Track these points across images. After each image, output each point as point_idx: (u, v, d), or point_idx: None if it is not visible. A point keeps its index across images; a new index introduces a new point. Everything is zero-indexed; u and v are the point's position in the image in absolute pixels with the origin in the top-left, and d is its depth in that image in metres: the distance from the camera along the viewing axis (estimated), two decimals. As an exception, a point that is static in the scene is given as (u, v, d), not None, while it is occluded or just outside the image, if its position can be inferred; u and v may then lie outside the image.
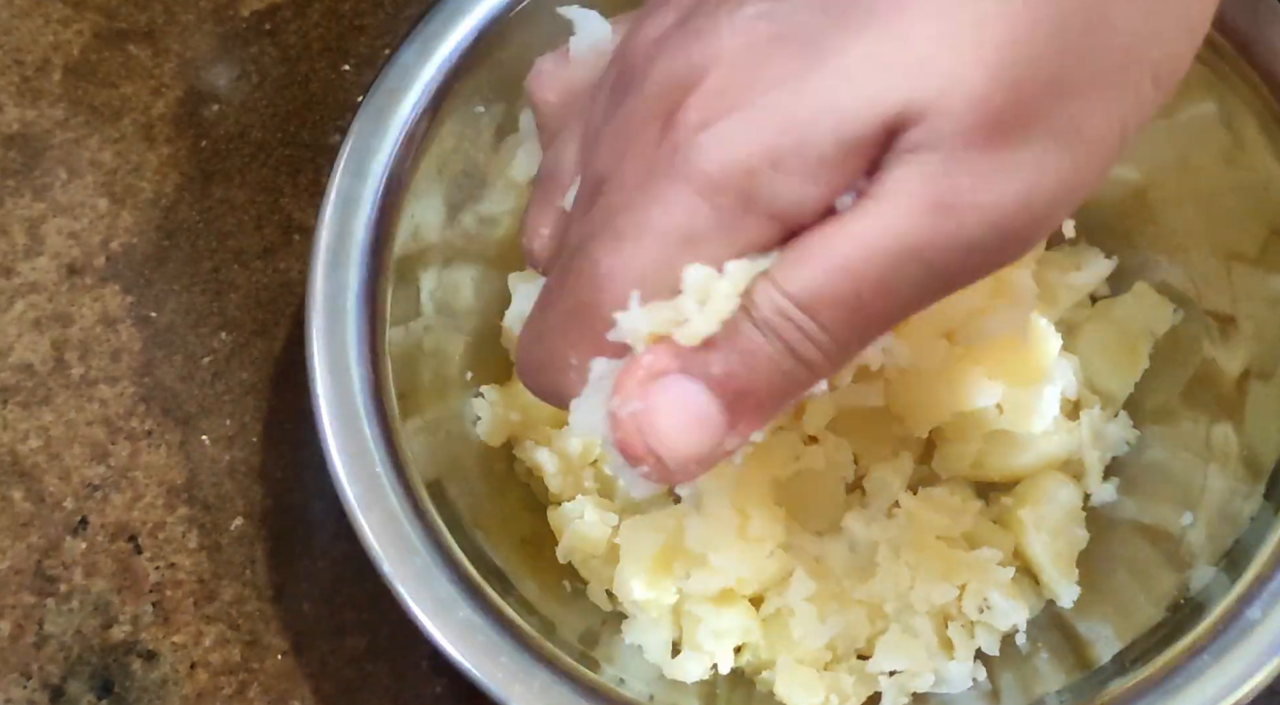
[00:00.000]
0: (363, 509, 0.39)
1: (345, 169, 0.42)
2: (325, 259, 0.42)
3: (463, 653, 0.39)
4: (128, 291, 0.52)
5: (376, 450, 0.40)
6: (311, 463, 0.50)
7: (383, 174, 0.43)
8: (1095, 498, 0.46)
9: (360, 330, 0.41)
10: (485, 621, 0.39)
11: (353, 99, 0.54)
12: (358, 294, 0.42)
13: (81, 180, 0.53)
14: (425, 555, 0.39)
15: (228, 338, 0.52)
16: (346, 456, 0.40)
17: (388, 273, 0.42)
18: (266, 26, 0.55)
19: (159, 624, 0.49)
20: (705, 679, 0.43)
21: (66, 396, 0.51)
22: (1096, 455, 0.46)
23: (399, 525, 0.39)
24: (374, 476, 0.40)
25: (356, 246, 0.42)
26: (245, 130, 0.54)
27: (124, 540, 0.49)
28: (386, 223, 0.42)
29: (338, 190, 0.42)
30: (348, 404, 0.40)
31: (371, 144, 0.43)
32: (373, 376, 0.41)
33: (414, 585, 0.39)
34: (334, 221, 0.42)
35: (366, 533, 0.39)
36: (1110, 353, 0.47)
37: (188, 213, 0.53)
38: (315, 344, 0.41)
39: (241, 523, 0.50)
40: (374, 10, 0.55)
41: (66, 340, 0.52)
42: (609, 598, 0.45)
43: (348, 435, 0.40)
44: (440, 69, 0.43)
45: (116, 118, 0.54)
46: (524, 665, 0.39)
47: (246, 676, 0.48)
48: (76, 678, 0.48)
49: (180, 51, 0.55)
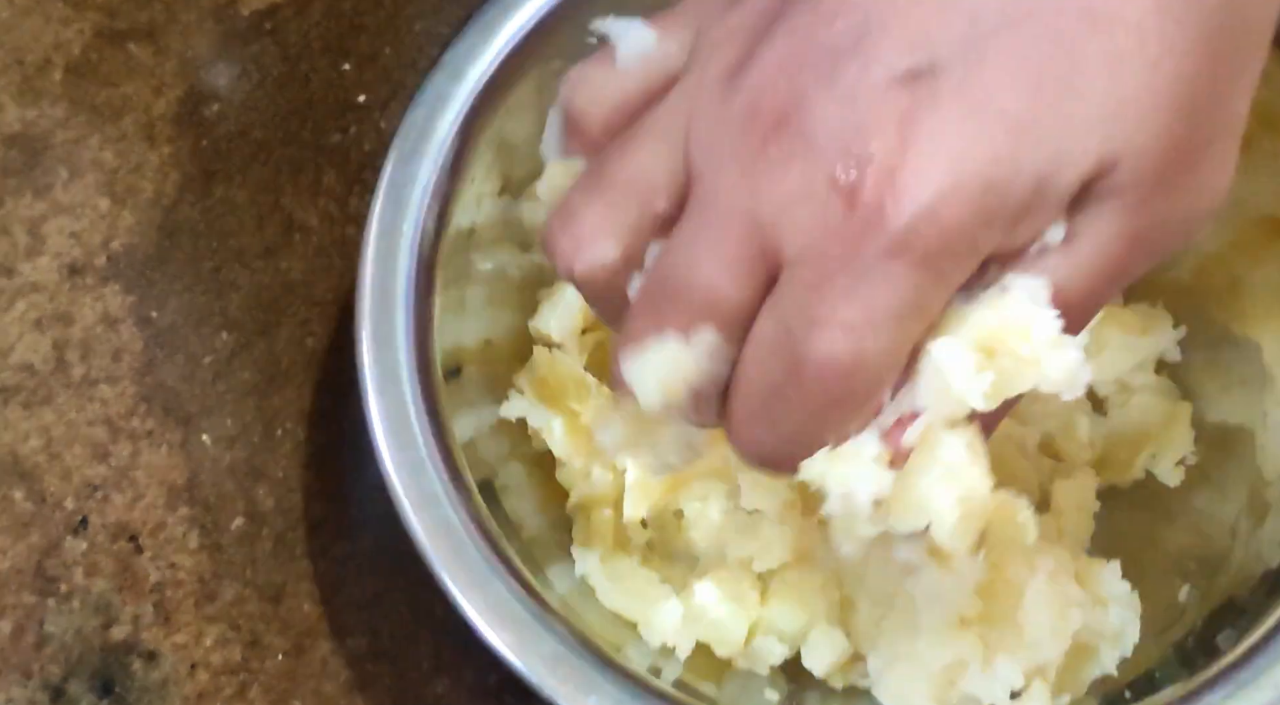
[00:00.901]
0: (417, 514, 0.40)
1: (396, 161, 0.43)
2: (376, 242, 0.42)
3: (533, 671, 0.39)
4: (129, 291, 0.52)
5: (429, 456, 0.41)
6: (313, 462, 0.50)
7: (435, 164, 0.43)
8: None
9: (409, 323, 0.42)
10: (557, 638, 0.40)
11: (353, 98, 0.54)
12: (406, 285, 0.42)
13: (82, 180, 0.53)
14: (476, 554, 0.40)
15: (229, 338, 0.52)
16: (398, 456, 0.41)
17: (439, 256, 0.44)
18: (267, 25, 0.55)
19: (160, 624, 0.49)
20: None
21: (67, 396, 0.51)
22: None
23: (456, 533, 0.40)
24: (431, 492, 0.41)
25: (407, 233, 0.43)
26: (246, 129, 0.54)
27: (125, 540, 0.49)
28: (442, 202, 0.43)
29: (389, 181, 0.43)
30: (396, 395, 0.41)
31: (419, 145, 0.43)
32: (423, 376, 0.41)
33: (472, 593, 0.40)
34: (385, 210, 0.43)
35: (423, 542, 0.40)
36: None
37: (189, 212, 0.53)
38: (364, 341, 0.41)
39: (242, 523, 0.50)
40: (374, 9, 0.55)
41: (67, 340, 0.52)
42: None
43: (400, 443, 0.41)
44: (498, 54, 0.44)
45: (117, 117, 0.54)
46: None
47: (247, 677, 0.48)
48: (77, 678, 0.48)
49: (181, 50, 0.55)
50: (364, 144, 0.54)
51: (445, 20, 0.55)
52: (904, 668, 0.42)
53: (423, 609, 0.48)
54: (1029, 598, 0.41)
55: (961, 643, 0.41)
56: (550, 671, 0.39)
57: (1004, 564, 0.41)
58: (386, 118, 0.54)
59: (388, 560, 0.49)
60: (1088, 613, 0.42)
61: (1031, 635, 0.40)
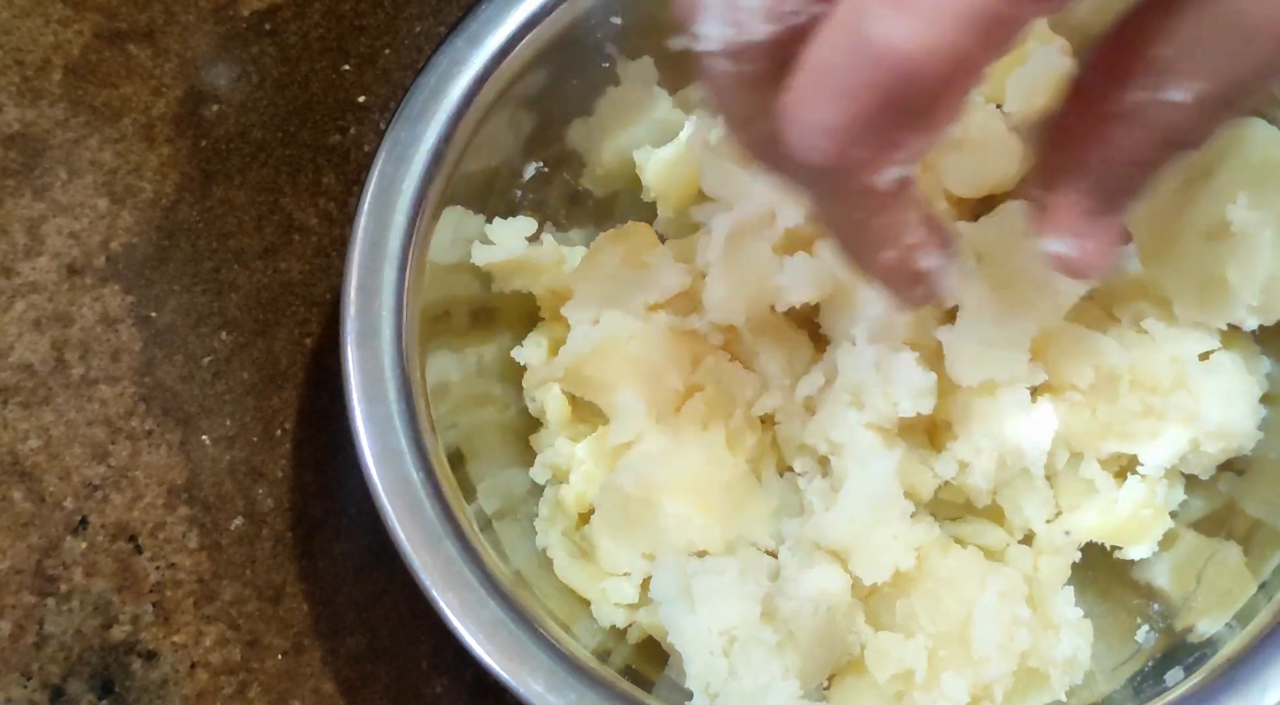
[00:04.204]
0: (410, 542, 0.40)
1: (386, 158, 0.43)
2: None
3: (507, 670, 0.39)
4: (128, 291, 0.52)
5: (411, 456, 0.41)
6: (312, 462, 0.50)
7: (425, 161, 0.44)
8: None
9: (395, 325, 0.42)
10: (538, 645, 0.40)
11: (353, 99, 0.54)
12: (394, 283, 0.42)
13: (82, 180, 0.53)
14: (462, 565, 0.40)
15: (228, 338, 0.52)
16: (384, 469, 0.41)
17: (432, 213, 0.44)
18: (267, 26, 0.55)
19: (159, 624, 0.49)
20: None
21: (67, 396, 0.51)
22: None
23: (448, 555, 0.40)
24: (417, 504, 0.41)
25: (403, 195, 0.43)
26: (245, 130, 0.54)
27: (124, 540, 0.50)
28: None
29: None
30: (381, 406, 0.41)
31: (411, 140, 0.43)
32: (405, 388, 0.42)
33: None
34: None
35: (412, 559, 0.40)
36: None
37: (188, 213, 0.53)
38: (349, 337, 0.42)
39: (242, 523, 0.50)
40: (374, 10, 0.55)
41: (67, 340, 0.52)
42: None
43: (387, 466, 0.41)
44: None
45: (116, 118, 0.54)
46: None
47: (246, 676, 0.48)
48: (77, 678, 0.48)
49: (180, 51, 0.55)
50: (364, 145, 0.54)
51: (444, 21, 0.55)
52: (853, 680, 0.42)
53: (421, 609, 0.48)
54: (977, 614, 0.41)
55: (908, 653, 0.41)
56: (489, 638, 0.39)
57: (955, 580, 0.41)
58: (386, 119, 0.54)
59: (386, 560, 0.49)
60: (1038, 635, 0.42)
61: (978, 652, 0.40)
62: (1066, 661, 0.43)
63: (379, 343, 0.41)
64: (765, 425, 0.45)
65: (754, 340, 0.45)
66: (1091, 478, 0.44)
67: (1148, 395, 0.43)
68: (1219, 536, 0.44)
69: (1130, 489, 0.44)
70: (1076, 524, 0.44)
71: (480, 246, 0.46)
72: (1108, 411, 0.43)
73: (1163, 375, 0.43)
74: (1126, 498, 0.43)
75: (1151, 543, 0.44)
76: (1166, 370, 0.43)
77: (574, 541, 0.46)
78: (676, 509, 0.43)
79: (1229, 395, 0.43)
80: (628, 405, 0.44)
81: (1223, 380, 0.43)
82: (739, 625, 0.41)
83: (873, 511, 0.41)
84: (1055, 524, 0.44)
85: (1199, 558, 0.44)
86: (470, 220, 0.46)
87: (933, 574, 0.42)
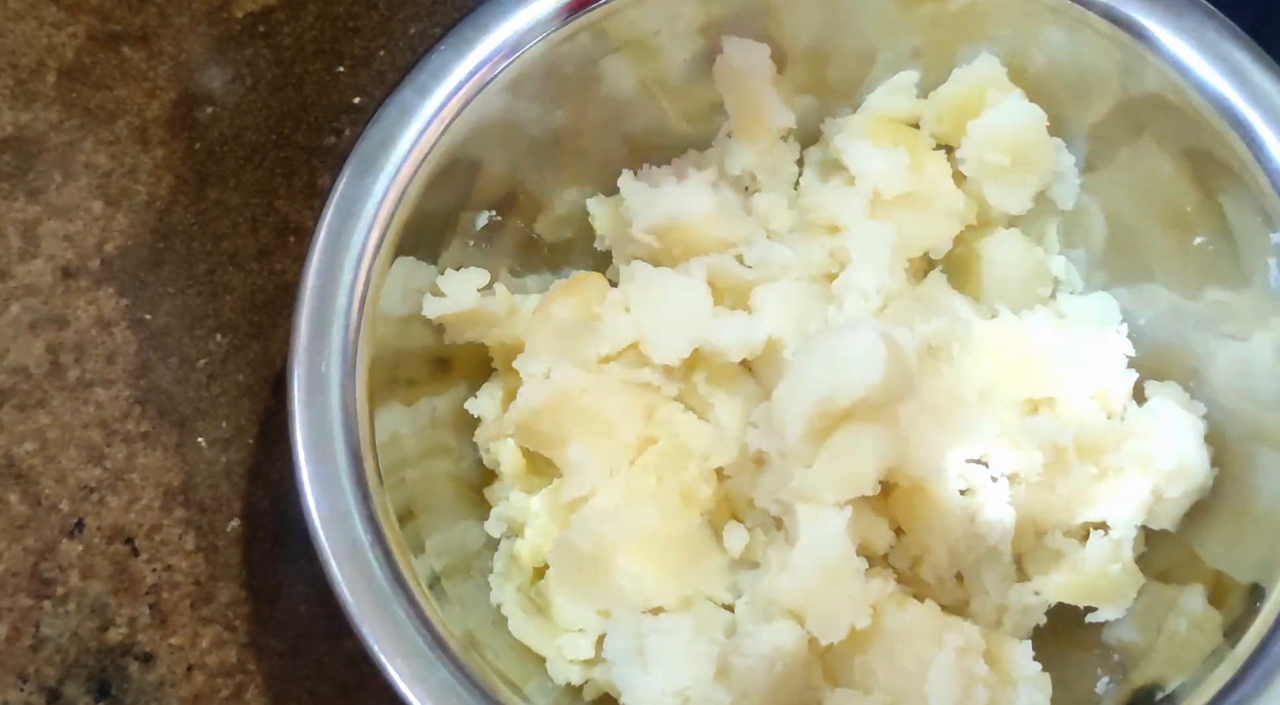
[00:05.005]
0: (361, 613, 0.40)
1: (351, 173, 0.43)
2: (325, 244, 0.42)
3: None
4: (123, 294, 0.52)
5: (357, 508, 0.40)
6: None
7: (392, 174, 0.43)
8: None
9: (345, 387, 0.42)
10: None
11: (348, 100, 0.54)
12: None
13: (76, 183, 0.53)
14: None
15: (223, 340, 0.52)
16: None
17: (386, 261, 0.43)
18: (261, 29, 0.55)
19: (156, 626, 0.49)
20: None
21: (62, 399, 0.51)
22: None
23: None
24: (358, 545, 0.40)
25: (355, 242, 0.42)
26: (240, 132, 0.54)
27: (120, 542, 0.49)
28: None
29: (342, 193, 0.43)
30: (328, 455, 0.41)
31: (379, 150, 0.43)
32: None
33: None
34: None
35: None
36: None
37: (182, 215, 0.53)
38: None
39: (238, 524, 0.50)
40: (368, 12, 0.55)
41: (62, 343, 0.52)
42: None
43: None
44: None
45: (111, 120, 0.54)
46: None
47: (244, 678, 0.48)
48: (73, 680, 0.48)
49: (174, 54, 0.55)
50: (358, 146, 0.54)
51: (439, 22, 0.55)
52: None
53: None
54: (934, 671, 0.40)
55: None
56: (438, 704, 0.38)
57: (911, 635, 0.41)
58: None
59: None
60: (996, 691, 0.42)
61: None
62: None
63: (326, 400, 0.41)
64: (721, 476, 0.44)
65: (708, 390, 0.44)
66: (1058, 547, 0.44)
67: (1099, 456, 0.43)
68: (1179, 584, 0.44)
69: (1095, 546, 0.44)
70: (1045, 585, 0.44)
71: (431, 299, 0.45)
72: (1065, 484, 0.44)
73: (1107, 434, 0.44)
74: (1093, 555, 0.43)
75: (1125, 602, 0.44)
76: (1110, 429, 0.44)
77: (529, 597, 0.45)
78: (630, 567, 0.42)
79: (1176, 432, 0.43)
80: (580, 460, 0.43)
81: (1165, 420, 0.44)
82: (692, 685, 0.41)
83: (826, 572, 0.40)
84: (1025, 586, 0.44)
85: (1160, 607, 0.44)
86: (422, 271, 0.45)
87: (889, 629, 0.41)
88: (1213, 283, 0.44)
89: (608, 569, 0.42)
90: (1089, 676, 0.44)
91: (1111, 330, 0.47)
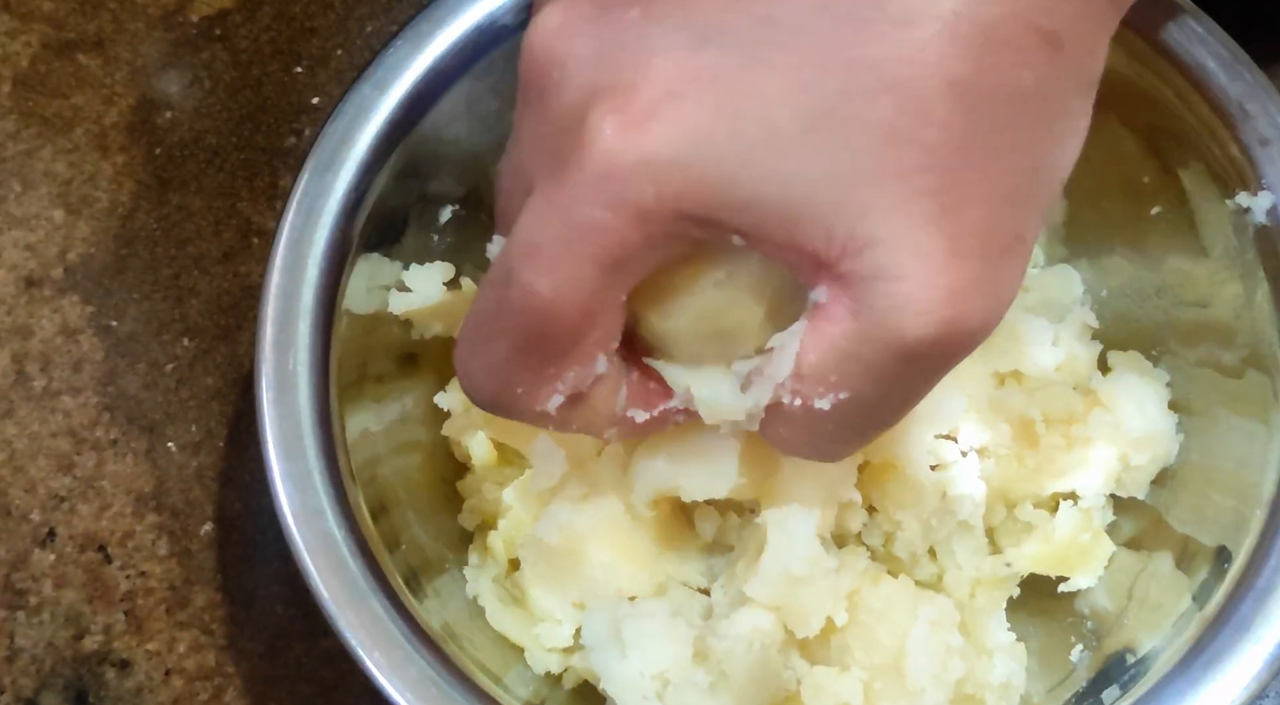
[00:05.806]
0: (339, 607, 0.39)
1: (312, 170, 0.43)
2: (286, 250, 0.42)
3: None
4: (87, 302, 0.52)
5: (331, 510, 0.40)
6: (279, 465, 0.50)
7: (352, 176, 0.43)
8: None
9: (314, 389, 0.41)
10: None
11: (306, 101, 0.54)
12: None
13: (36, 192, 0.53)
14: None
15: (190, 344, 0.52)
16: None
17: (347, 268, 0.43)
18: (217, 31, 0.55)
19: (132, 632, 0.48)
20: None
21: (29, 409, 0.51)
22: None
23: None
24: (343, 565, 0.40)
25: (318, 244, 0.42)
26: (200, 136, 0.54)
27: (93, 550, 0.49)
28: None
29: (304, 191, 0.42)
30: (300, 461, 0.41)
31: (337, 156, 0.43)
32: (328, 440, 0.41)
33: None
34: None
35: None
36: None
37: (145, 220, 0.53)
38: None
39: (211, 528, 0.50)
40: (324, 12, 0.55)
41: (27, 353, 0.51)
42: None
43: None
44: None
45: (69, 128, 0.54)
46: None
47: (222, 681, 0.48)
48: (50, 690, 0.48)
49: (130, 59, 0.55)
50: (319, 146, 0.54)
51: (396, 20, 0.55)
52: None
53: (396, 607, 0.48)
54: (910, 645, 0.41)
55: (844, 687, 0.41)
56: (418, 696, 0.38)
57: (887, 611, 0.41)
58: (340, 119, 0.54)
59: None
60: (972, 662, 0.42)
61: (913, 683, 0.40)
62: (1002, 686, 0.43)
63: (295, 398, 0.40)
64: None
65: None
66: (1029, 519, 0.45)
67: (1067, 427, 0.44)
68: (1147, 550, 0.45)
69: (1065, 516, 0.44)
70: (1017, 556, 0.44)
71: (397, 294, 0.45)
72: (1034, 456, 0.44)
73: (1074, 405, 0.44)
74: (1063, 525, 0.44)
75: (1096, 570, 0.44)
76: (1076, 400, 0.44)
77: (505, 588, 0.45)
78: (602, 557, 0.42)
79: (1141, 401, 0.44)
80: (547, 451, 0.43)
81: (1131, 389, 0.44)
82: (671, 668, 0.41)
83: (796, 575, 0.40)
84: (997, 558, 0.45)
85: (1129, 573, 0.44)
86: (387, 267, 0.45)
87: (865, 606, 0.41)
88: (1172, 252, 0.45)
89: (580, 562, 0.42)
90: (1064, 645, 0.45)
91: (1074, 302, 0.47)
